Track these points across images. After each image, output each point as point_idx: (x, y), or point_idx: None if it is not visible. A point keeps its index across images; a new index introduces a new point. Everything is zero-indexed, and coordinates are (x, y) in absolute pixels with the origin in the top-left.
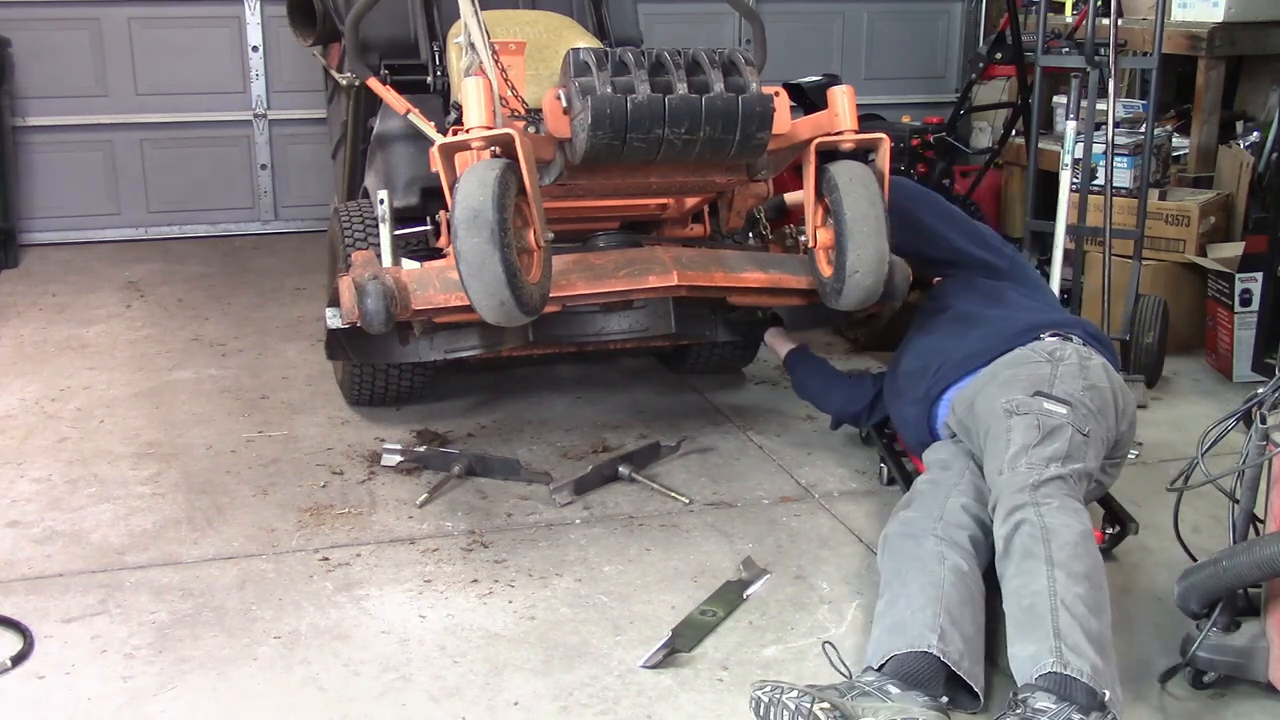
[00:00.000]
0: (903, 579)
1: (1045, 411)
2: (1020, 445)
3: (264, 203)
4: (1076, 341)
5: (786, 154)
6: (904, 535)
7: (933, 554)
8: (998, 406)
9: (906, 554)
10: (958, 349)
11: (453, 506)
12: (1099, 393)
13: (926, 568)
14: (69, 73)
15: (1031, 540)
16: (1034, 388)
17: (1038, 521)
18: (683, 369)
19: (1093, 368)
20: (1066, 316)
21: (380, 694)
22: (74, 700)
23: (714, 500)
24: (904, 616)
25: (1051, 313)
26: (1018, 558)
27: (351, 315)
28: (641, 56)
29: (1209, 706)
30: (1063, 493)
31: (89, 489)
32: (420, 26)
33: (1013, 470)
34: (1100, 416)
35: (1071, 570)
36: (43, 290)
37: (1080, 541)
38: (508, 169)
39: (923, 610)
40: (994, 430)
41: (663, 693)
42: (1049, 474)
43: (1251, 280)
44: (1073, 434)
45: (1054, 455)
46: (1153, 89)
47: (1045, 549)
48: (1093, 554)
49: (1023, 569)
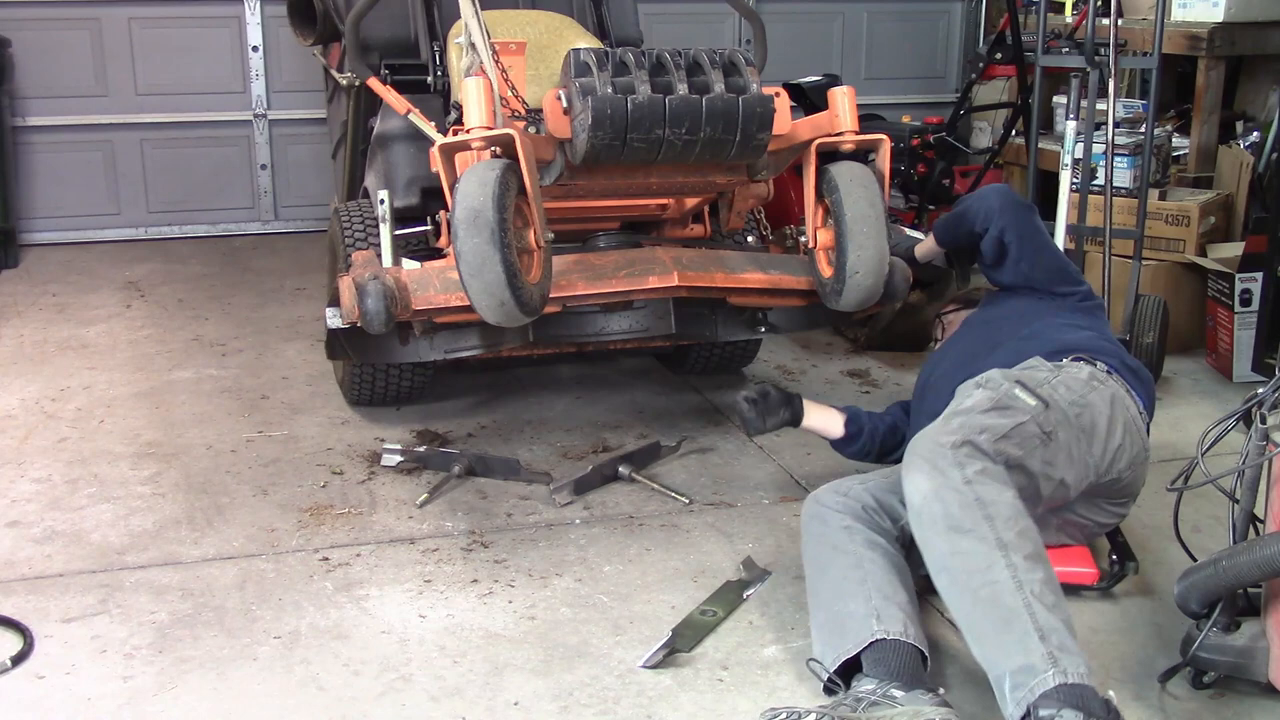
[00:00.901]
0: (822, 568)
1: (1011, 395)
2: (965, 407)
3: (264, 203)
4: (1101, 367)
5: (787, 154)
6: (812, 516)
7: (841, 529)
8: (971, 380)
9: (817, 534)
10: (979, 366)
11: (453, 506)
12: (1090, 412)
13: (839, 548)
14: (69, 73)
15: (965, 512)
16: (1018, 378)
17: (968, 491)
18: (683, 369)
19: (1099, 391)
20: (1105, 344)
21: (380, 694)
22: (74, 700)
23: (714, 500)
24: (837, 614)
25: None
26: (943, 530)
27: (351, 315)
28: (642, 57)
29: (1209, 706)
30: (983, 460)
31: (89, 489)
32: (420, 26)
33: (945, 423)
34: (1082, 435)
35: (1025, 552)
36: (43, 290)
37: (1019, 515)
38: (508, 169)
39: (854, 599)
40: (956, 397)
41: (663, 693)
42: (974, 439)
43: (1251, 280)
44: (1026, 423)
45: (992, 428)
46: (1153, 89)
47: (991, 528)
48: (1031, 524)
49: (964, 548)
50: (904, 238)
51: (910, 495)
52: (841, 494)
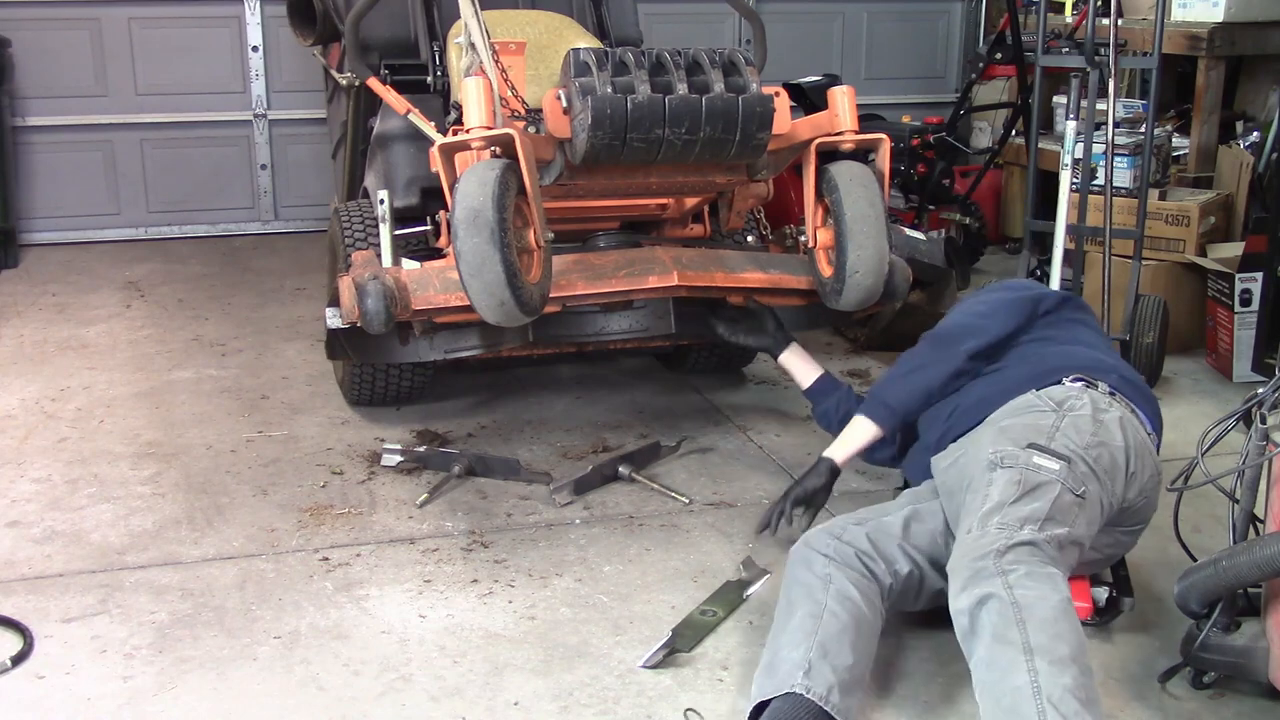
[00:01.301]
0: (789, 608)
1: (1033, 466)
2: (996, 502)
3: (264, 203)
4: (1103, 389)
5: (787, 154)
6: (799, 558)
7: (819, 577)
8: (984, 457)
9: (796, 577)
10: (972, 390)
11: (453, 506)
12: (1108, 450)
13: (811, 594)
14: (69, 73)
15: (1002, 620)
16: (1028, 439)
17: (1007, 596)
18: (683, 369)
19: (1108, 422)
20: (1102, 359)
21: (380, 694)
22: (74, 700)
23: (714, 500)
24: (778, 654)
25: (1087, 354)
26: (987, 639)
27: (351, 315)
28: (641, 56)
29: (1209, 706)
30: (1034, 559)
31: (89, 489)
32: (420, 26)
33: (982, 530)
34: (1105, 478)
35: (1055, 655)
36: (43, 290)
37: (1060, 616)
38: (508, 169)
39: (796, 647)
40: (974, 484)
41: (663, 693)
42: (1021, 538)
43: (1251, 280)
44: (1060, 493)
45: (1031, 516)
46: (1153, 89)
47: (1021, 632)
48: (1076, 629)
49: (996, 657)
50: (904, 238)
51: (956, 616)
52: (834, 537)
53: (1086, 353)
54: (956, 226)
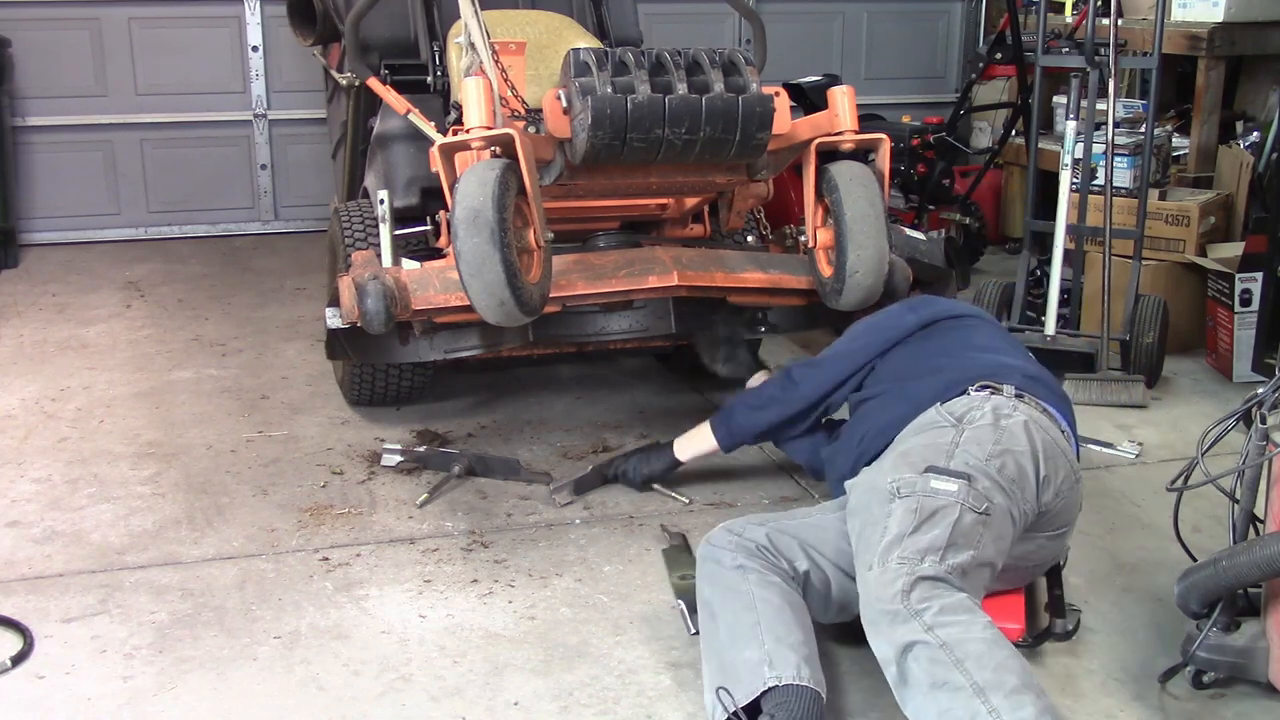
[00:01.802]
0: (714, 614)
1: (929, 491)
2: (894, 535)
3: (264, 203)
4: (1008, 392)
5: (786, 154)
6: (705, 557)
7: (732, 569)
8: (883, 486)
9: (710, 576)
10: (880, 413)
11: (453, 506)
12: (1012, 458)
13: (732, 588)
14: (69, 73)
15: (936, 666)
16: (927, 461)
17: (932, 639)
18: (683, 369)
19: (1011, 427)
20: (1003, 361)
21: (380, 694)
22: (74, 700)
23: (714, 500)
24: (728, 657)
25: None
26: (925, 688)
27: (351, 315)
28: (641, 56)
29: (1209, 706)
30: (941, 591)
31: (89, 489)
32: (420, 26)
33: (883, 567)
34: (1013, 487)
35: (1007, 688)
36: (43, 290)
37: (993, 645)
38: (508, 169)
39: (747, 646)
40: (874, 515)
41: (663, 693)
42: (922, 571)
43: (1251, 280)
44: (960, 516)
45: (931, 545)
46: (1153, 89)
47: (963, 674)
48: (1011, 653)
49: (946, 705)
50: (904, 238)
51: (883, 665)
52: (735, 533)
53: (985, 357)
54: (956, 226)
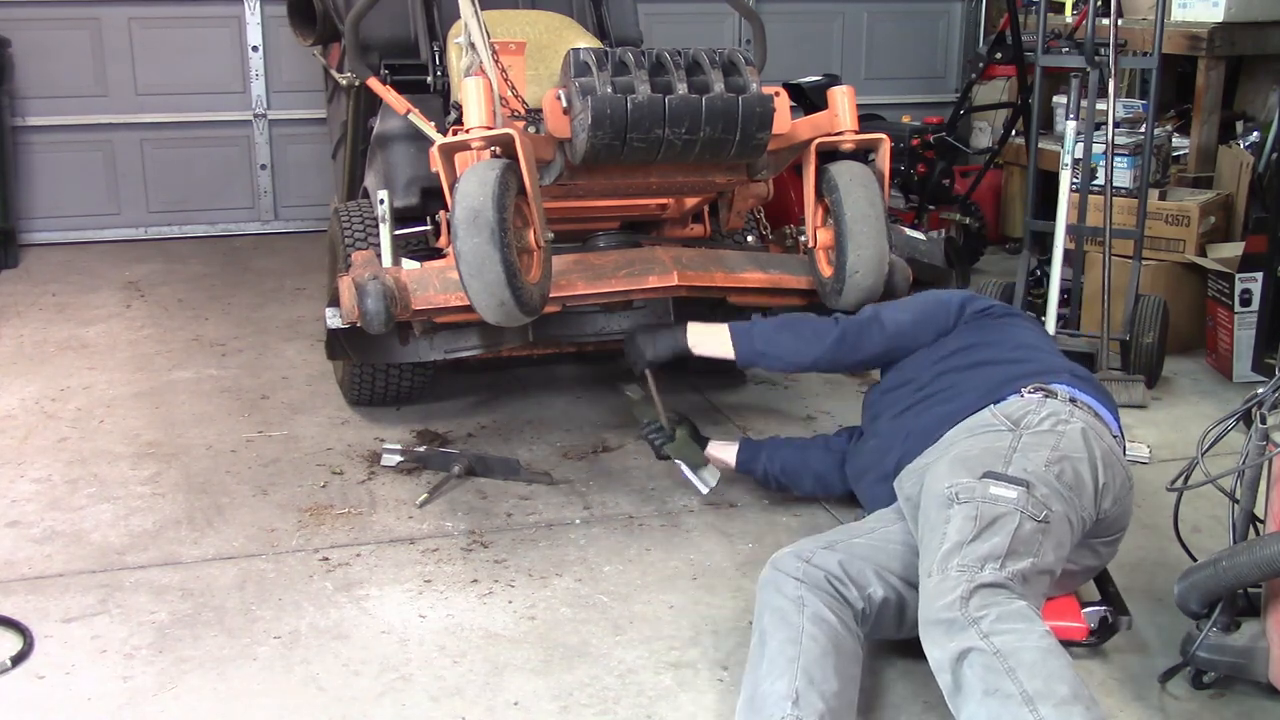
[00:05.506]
0: (763, 637)
1: (989, 498)
2: (954, 542)
3: (264, 203)
4: (1063, 396)
5: (786, 154)
6: (767, 582)
7: (791, 600)
8: (940, 491)
9: (767, 603)
10: (926, 413)
11: (453, 506)
12: (1071, 465)
13: (785, 618)
14: (69, 73)
15: (990, 674)
16: (985, 466)
17: (986, 646)
18: (682, 369)
19: (1070, 433)
20: (1053, 361)
21: (380, 694)
22: (74, 700)
23: (714, 500)
24: (759, 688)
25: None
26: (978, 696)
27: (351, 315)
28: (641, 56)
29: (1209, 706)
30: (1001, 598)
31: (89, 489)
32: (420, 26)
33: (943, 574)
34: (1071, 494)
35: (1057, 698)
36: (43, 290)
37: (1047, 655)
38: (508, 169)
39: (779, 678)
40: (932, 521)
41: (663, 693)
42: (982, 579)
43: (1251, 280)
44: (1020, 524)
45: (991, 553)
46: (1153, 89)
47: (1014, 682)
48: (1066, 663)
49: (996, 713)
50: (904, 238)
51: (936, 673)
52: (803, 560)
53: (1036, 356)
54: (956, 226)
